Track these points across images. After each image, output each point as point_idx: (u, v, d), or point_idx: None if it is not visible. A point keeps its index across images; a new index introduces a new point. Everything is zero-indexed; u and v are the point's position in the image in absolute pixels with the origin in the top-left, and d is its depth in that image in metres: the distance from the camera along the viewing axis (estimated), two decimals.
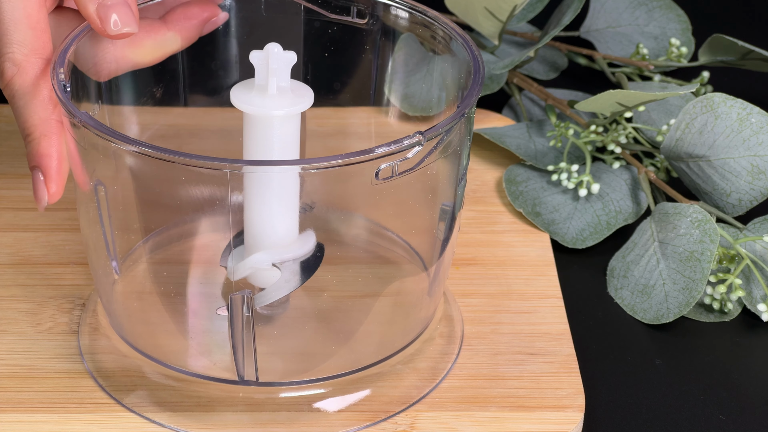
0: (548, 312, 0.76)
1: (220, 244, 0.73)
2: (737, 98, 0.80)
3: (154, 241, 0.75)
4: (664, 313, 0.77)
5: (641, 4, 0.99)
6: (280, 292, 0.69)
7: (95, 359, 0.72)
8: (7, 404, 0.69)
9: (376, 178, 0.63)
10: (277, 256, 0.69)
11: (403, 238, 0.76)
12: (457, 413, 0.69)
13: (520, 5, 0.89)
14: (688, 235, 0.78)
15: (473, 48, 0.69)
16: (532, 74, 0.97)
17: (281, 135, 0.68)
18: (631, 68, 0.97)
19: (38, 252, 0.79)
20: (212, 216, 0.71)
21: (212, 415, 0.69)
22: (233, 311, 0.65)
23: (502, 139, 0.88)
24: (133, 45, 0.70)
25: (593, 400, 0.72)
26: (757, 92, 0.98)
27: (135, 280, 0.73)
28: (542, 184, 0.86)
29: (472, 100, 0.66)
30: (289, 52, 0.68)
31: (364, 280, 0.74)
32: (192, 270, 0.75)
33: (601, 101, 0.83)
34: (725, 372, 0.75)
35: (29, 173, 0.86)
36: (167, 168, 0.63)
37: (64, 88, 0.65)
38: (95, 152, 0.65)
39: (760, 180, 0.80)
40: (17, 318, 0.75)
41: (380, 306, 0.72)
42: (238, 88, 0.69)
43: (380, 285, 0.74)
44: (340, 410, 0.69)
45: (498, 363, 0.73)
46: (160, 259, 0.75)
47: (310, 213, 0.72)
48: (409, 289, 0.74)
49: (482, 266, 0.80)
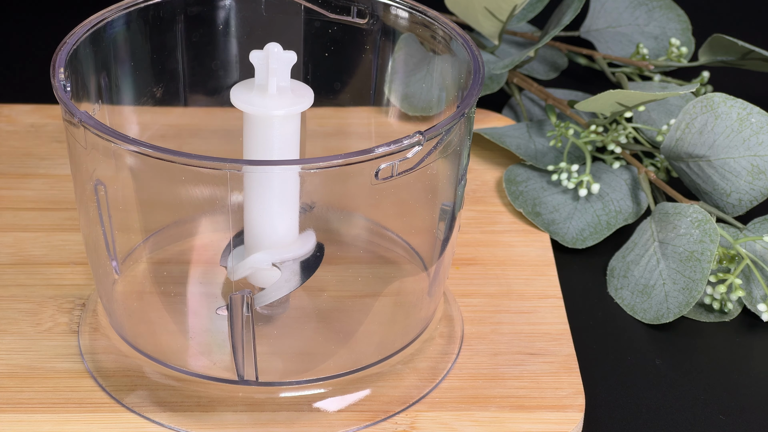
0: (548, 312, 0.76)
1: (220, 244, 0.73)
2: (737, 98, 0.80)
3: (154, 241, 0.75)
4: (664, 313, 0.77)
5: (641, 4, 0.99)
6: (280, 292, 0.69)
7: (95, 359, 0.72)
8: (7, 404, 0.69)
9: (375, 178, 0.63)
10: (277, 256, 0.69)
11: (403, 238, 0.76)
12: (457, 413, 0.69)
13: (520, 5, 0.89)
14: (688, 235, 0.78)
15: (473, 48, 0.69)
16: (532, 74, 0.97)
17: (281, 135, 0.68)
18: (631, 68, 0.97)
19: (38, 252, 0.79)
20: (212, 216, 0.71)
21: (212, 415, 0.69)
22: (233, 311, 0.65)
23: (502, 139, 0.88)
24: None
25: (593, 400, 0.72)
26: (757, 92, 0.98)
27: (135, 280, 0.73)
28: (542, 184, 0.86)
29: (472, 100, 0.66)
30: (289, 52, 0.68)
31: (364, 280, 0.74)
32: (192, 270, 0.75)
33: (601, 101, 0.83)
34: (725, 372, 0.75)
35: (29, 173, 0.86)
36: (167, 168, 0.63)
37: (64, 88, 0.66)
38: (95, 152, 0.65)
39: (760, 180, 0.80)
40: (17, 318, 0.75)
41: (380, 306, 0.72)
42: (238, 88, 0.69)
43: (380, 285, 0.74)
44: (340, 410, 0.69)
45: (498, 363, 0.73)
46: (160, 259, 0.75)
47: (310, 213, 0.72)
48: (409, 289, 0.74)
49: (482, 266, 0.80)
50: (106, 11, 0.72)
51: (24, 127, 0.90)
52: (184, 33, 0.76)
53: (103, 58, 0.72)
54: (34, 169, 0.86)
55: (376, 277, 0.75)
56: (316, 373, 0.69)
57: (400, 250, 0.76)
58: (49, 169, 0.86)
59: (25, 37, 1.04)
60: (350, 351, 0.71)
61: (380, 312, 0.72)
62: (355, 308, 0.73)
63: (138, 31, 0.74)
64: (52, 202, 0.83)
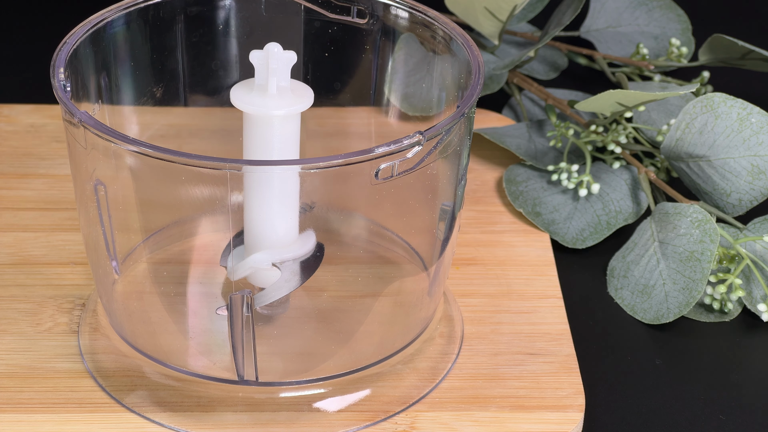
0: (548, 312, 0.76)
1: (220, 244, 0.73)
2: (737, 98, 0.80)
3: (154, 241, 0.75)
4: (664, 313, 0.77)
5: (641, 4, 0.99)
6: (280, 291, 0.69)
7: (95, 359, 0.72)
8: (7, 404, 0.69)
9: (375, 178, 0.63)
10: (277, 256, 0.69)
11: (403, 238, 0.76)
12: (457, 413, 0.69)
13: (520, 5, 0.89)
14: (688, 235, 0.78)
15: (473, 48, 0.69)
16: (532, 74, 0.97)
17: (281, 135, 0.68)
18: (631, 68, 0.97)
19: (38, 252, 0.79)
20: (212, 216, 0.71)
21: (212, 415, 0.69)
22: (233, 311, 0.65)
23: (502, 139, 0.88)
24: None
25: (593, 400, 0.72)
26: (757, 92, 0.98)
27: (135, 280, 0.73)
28: (542, 184, 0.86)
29: (472, 100, 0.66)
30: (289, 51, 0.68)
31: (364, 280, 0.74)
32: (192, 270, 0.75)
33: (601, 101, 0.83)
34: (725, 372, 0.75)
35: (29, 173, 0.86)
36: (167, 168, 0.63)
37: (64, 88, 0.65)
38: (95, 152, 0.65)
39: (760, 180, 0.80)
40: (17, 318, 0.75)
41: (380, 306, 0.72)
42: (238, 88, 0.69)
43: (380, 285, 0.74)
44: (340, 410, 0.69)
45: (498, 363, 0.73)
46: (160, 259, 0.75)
47: (310, 213, 0.72)
48: (409, 289, 0.74)
49: (482, 266, 0.80)
50: (106, 11, 0.72)
51: (24, 127, 0.90)
52: (184, 33, 0.76)
53: (103, 58, 0.72)
54: (34, 169, 0.86)
55: (376, 277, 0.75)
56: (316, 373, 0.69)
57: (400, 250, 0.76)
58: (49, 169, 0.86)
59: (25, 37, 1.04)
60: (350, 351, 0.71)
61: (380, 312, 0.72)
62: (355, 308, 0.73)
63: (138, 31, 0.74)
64: (52, 202, 0.83)
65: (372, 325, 0.72)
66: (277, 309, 0.72)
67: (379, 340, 0.71)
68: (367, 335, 0.71)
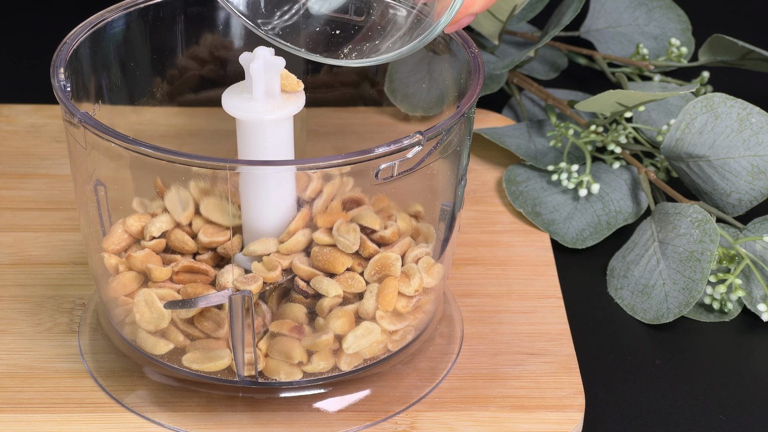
0: (548, 312, 0.76)
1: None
2: (737, 98, 0.80)
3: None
4: (664, 313, 0.77)
5: (641, 4, 0.99)
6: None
7: (95, 359, 0.72)
8: (7, 404, 0.69)
9: (375, 178, 0.63)
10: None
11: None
12: (457, 413, 0.69)
13: (520, 5, 0.89)
14: (688, 235, 0.78)
15: (473, 48, 0.69)
16: (532, 74, 0.97)
17: (273, 138, 0.68)
18: (631, 68, 0.97)
19: (38, 252, 0.79)
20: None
21: (212, 415, 0.69)
22: (233, 311, 0.65)
23: (502, 139, 0.88)
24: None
25: (593, 400, 0.72)
26: (757, 92, 0.98)
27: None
28: (542, 184, 0.86)
29: (472, 100, 0.66)
30: (278, 57, 0.67)
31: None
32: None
33: (601, 101, 0.83)
34: (725, 372, 0.75)
35: (29, 173, 0.86)
36: (167, 168, 0.63)
37: (64, 88, 0.65)
38: (95, 152, 0.65)
39: (760, 180, 0.80)
40: (17, 318, 0.75)
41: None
42: (229, 93, 0.68)
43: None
44: (340, 410, 0.69)
45: (498, 363, 0.73)
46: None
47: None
48: None
49: (482, 266, 0.80)
50: (106, 11, 0.72)
51: (24, 127, 0.90)
52: (184, 33, 0.76)
53: (103, 58, 0.72)
54: (34, 169, 0.86)
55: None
56: (316, 373, 0.69)
57: None
58: (49, 169, 0.86)
59: (25, 37, 1.04)
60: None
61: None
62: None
63: (138, 31, 0.73)
64: (52, 202, 0.83)
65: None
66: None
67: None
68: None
